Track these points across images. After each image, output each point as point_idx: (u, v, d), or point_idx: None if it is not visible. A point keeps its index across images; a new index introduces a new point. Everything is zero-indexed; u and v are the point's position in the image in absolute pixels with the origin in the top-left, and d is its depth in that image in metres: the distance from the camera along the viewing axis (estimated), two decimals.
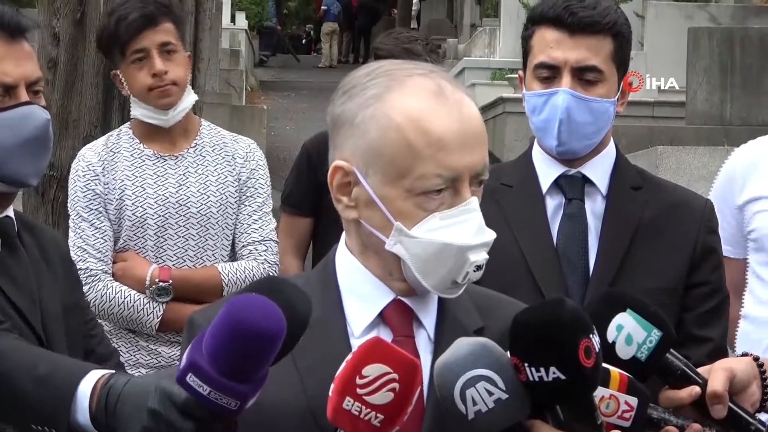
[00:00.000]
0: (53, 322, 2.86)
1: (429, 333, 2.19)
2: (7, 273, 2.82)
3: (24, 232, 2.94)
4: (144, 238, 4.13)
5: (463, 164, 2.08)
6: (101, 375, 2.19)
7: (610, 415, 2.05)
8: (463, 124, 2.09)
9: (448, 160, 2.07)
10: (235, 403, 1.95)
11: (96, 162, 4.17)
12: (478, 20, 27.99)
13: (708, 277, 3.17)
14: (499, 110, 15.46)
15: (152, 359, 4.13)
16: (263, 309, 1.92)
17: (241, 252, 4.20)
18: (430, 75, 2.14)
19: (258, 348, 1.92)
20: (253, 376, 1.95)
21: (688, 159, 9.51)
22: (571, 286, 3.10)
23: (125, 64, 4.14)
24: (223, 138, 4.29)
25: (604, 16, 3.11)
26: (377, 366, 1.90)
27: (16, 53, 2.85)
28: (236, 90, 20.58)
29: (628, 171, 3.25)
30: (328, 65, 33.73)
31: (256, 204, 4.23)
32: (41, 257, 2.94)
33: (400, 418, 1.92)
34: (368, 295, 2.19)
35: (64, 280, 2.98)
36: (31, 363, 2.27)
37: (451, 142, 2.07)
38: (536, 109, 3.17)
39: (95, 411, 2.15)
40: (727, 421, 2.17)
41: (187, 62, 4.22)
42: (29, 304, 2.82)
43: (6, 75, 2.82)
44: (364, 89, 2.13)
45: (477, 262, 2.09)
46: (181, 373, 1.96)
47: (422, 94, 2.10)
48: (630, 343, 2.14)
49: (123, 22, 4.09)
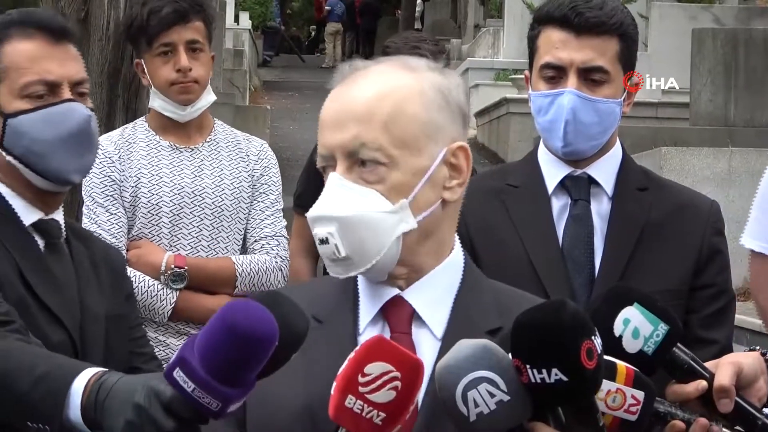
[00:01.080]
0: (93, 327, 2.90)
1: (433, 331, 2.19)
2: (44, 272, 2.86)
3: (75, 239, 3.00)
4: (159, 226, 4.15)
5: (334, 142, 2.14)
6: (95, 372, 2.20)
7: (616, 408, 2.05)
8: (339, 103, 2.17)
9: (322, 138, 2.17)
10: (217, 404, 1.97)
11: (112, 150, 4.19)
12: (482, 21, 28.02)
13: (714, 278, 3.16)
14: (502, 111, 15.49)
15: (160, 351, 4.11)
16: (258, 315, 1.94)
17: (252, 246, 4.22)
18: (385, 61, 2.23)
19: (247, 351, 1.94)
20: (240, 380, 1.97)
21: (692, 160, 9.52)
22: (576, 287, 3.10)
23: (150, 55, 4.17)
24: (237, 137, 4.34)
25: (611, 17, 3.11)
26: (380, 364, 1.90)
27: (60, 54, 2.93)
28: (240, 90, 20.62)
29: (634, 172, 3.25)
30: (332, 65, 33.75)
31: (268, 201, 4.27)
32: (90, 266, 2.98)
33: (402, 416, 1.93)
34: (373, 291, 2.22)
35: (111, 292, 3.02)
36: (31, 363, 2.28)
37: (324, 121, 2.18)
38: (542, 110, 3.17)
39: (85, 405, 2.15)
40: (733, 416, 2.17)
41: (211, 62, 4.26)
42: (65, 306, 2.85)
43: (49, 73, 2.89)
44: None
45: (318, 235, 2.14)
46: (170, 367, 1.98)
47: (339, 81, 2.21)
48: (637, 337, 2.14)
49: (155, 14, 4.13)
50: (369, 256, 2.13)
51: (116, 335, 2.97)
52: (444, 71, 2.24)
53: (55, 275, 2.88)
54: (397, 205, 2.13)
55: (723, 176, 9.39)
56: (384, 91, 2.15)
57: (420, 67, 2.22)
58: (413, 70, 2.20)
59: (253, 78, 25.38)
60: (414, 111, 2.15)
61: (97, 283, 2.98)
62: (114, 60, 5.73)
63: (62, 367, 2.26)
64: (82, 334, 2.86)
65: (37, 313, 2.79)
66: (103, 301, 2.96)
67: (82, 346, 2.85)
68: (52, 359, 2.34)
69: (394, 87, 2.16)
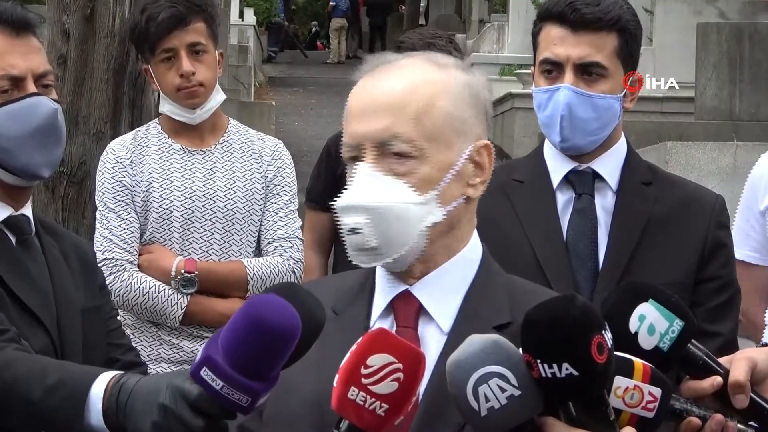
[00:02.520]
0: (70, 323, 2.86)
1: (440, 325, 2.20)
2: (20, 271, 2.82)
3: (45, 234, 2.94)
4: (170, 231, 4.14)
5: (361, 131, 2.15)
6: (112, 375, 2.19)
7: (634, 406, 2.05)
8: (367, 93, 2.18)
9: (349, 127, 2.17)
10: (246, 399, 1.98)
11: (124, 155, 4.18)
12: (487, 16, 27.96)
13: (718, 271, 3.17)
14: (507, 106, 15.45)
15: (174, 353, 4.13)
16: (282, 309, 1.95)
17: (266, 248, 4.20)
18: (414, 56, 2.23)
19: (273, 346, 1.95)
20: (266, 374, 1.98)
21: (697, 155, 9.50)
22: (580, 280, 3.11)
23: (155, 62, 4.15)
24: (251, 137, 4.30)
25: (607, 12, 3.12)
26: (382, 356, 1.92)
27: (22, 47, 2.86)
28: (245, 86, 20.61)
29: (638, 166, 3.26)
30: (337, 61, 33.71)
31: (282, 201, 4.23)
32: (62, 260, 2.94)
33: (404, 408, 1.94)
34: (384, 285, 2.24)
35: (85, 285, 2.97)
36: (40, 371, 2.26)
37: (352, 111, 2.17)
38: (541, 105, 3.20)
39: (107, 409, 2.14)
40: (749, 411, 2.16)
41: (217, 62, 4.21)
42: (41, 302, 2.81)
43: (12, 67, 2.83)
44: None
45: (348, 225, 2.14)
46: (196, 367, 1.99)
47: (368, 71, 2.21)
48: (652, 333, 2.14)
49: (153, 21, 4.10)
50: (397, 246, 2.15)
51: (94, 329, 2.93)
52: (471, 69, 2.27)
53: (30, 272, 2.84)
54: (425, 197, 2.15)
55: (728, 171, 9.36)
56: (416, 85, 2.17)
57: (449, 64, 2.24)
58: (442, 67, 2.23)
59: (257, 74, 25.37)
60: (444, 106, 2.17)
61: (71, 276, 2.93)
62: (119, 57, 5.73)
63: (76, 373, 2.25)
64: (61, 332, 2.82)
65: (14, 312, 2.73)
66: (79, 295, 2.92)
67: (61, 343, 2.81)
68: (62, 366, 2.32)
69: (425, 81, 2.18)
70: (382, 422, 1.93)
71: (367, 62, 2.24)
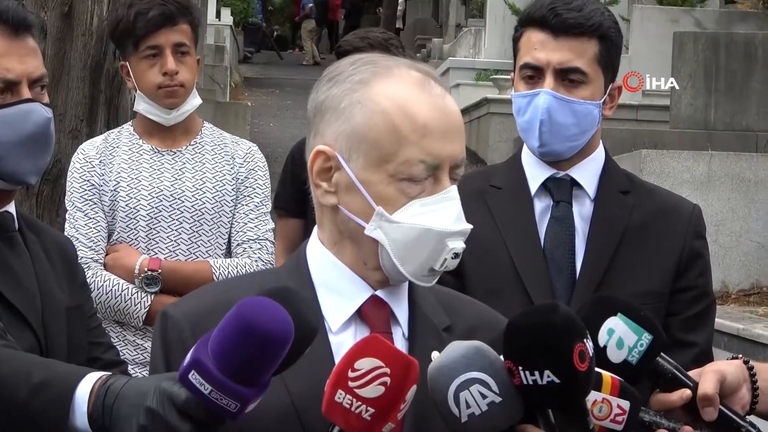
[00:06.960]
0: (54, 320, 2.83)
1: (404, 330, 2.19)
2: (5, 268, 2.80)
3: (27, 230, 2.92)
4: (136, 230, 4.12)
5: (445, 152, 2.12)
6: (99, 377, 2.14)
7: (602, 418, 2.06)
8: (445, 114, 2.14)
9: (432, 146, 2.11)
10: (235, 405, 1.94)
11: (94, 155, 4.18)
12: (464, 20, 27.99)
13: (694, 281, 3.18)
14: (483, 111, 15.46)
15: (138, 354, 4.11)
16: (274, 313, 1.91)
17: (235, 250, 4.18)
18: (416, 67, 2.19)
19: (265, 351, 1.91)
20: (257, 380, 1.94)
21: (671, 163, 9.54)
22: (557, 288, 3.11)
23: (137, 58, 4.13)
24: (224, 139, 4.29)
25: (589, 19, 3.13)
26: (370, 360, 1.91)
27: (19, 49, 2.83)
28: (220, 86, 20.58)
29: (616, 175, 3.26)
30: (312, 62, 33.74)
31: (252, 203, 4.21)
32: (44, 257, 2.91)
33: (392, 414, 1.93)
34: (345, 290, 2.19)
35: (67, 282, 2.95)
36: (25, 371, 2.20)
37: (434, 130, 2.11)
38: (521, 110, 3.19)
39: (92, 411, 2.09)
40: (717, 424, 2.18)
41: (197, 66, 4.22)
42: (27, 300, 2.79)
43: (8, 71, 2.80)
44: (351, 75, 2.17)
45: (455, 249, 2.11)
46: (184, 370, 1.95)
47: (408, 83, 2.14)
48: (621, 347, 2.15)
49: (142, 16, 4.08)
50: None
51: (77, 327, 2.90)
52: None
53: (15, 270, 2.81)
54: None
55: (702, 180, 9.41)
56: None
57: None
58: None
59: (233, 74, 25.32)
60: None
61: (54, 273, 2.91)
62: (97, 55, 5.71)
63: (61, 373, 2.20)
64: (46, 330, 2.80)
65: (4, 315, 2.70)
66: (63, 293, 2.89)
67: (46, 342, 2.78)
68: (47, 365, 2.26)
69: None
70: (368, 427, 1.92)
71: (369, 63, 2.19)
